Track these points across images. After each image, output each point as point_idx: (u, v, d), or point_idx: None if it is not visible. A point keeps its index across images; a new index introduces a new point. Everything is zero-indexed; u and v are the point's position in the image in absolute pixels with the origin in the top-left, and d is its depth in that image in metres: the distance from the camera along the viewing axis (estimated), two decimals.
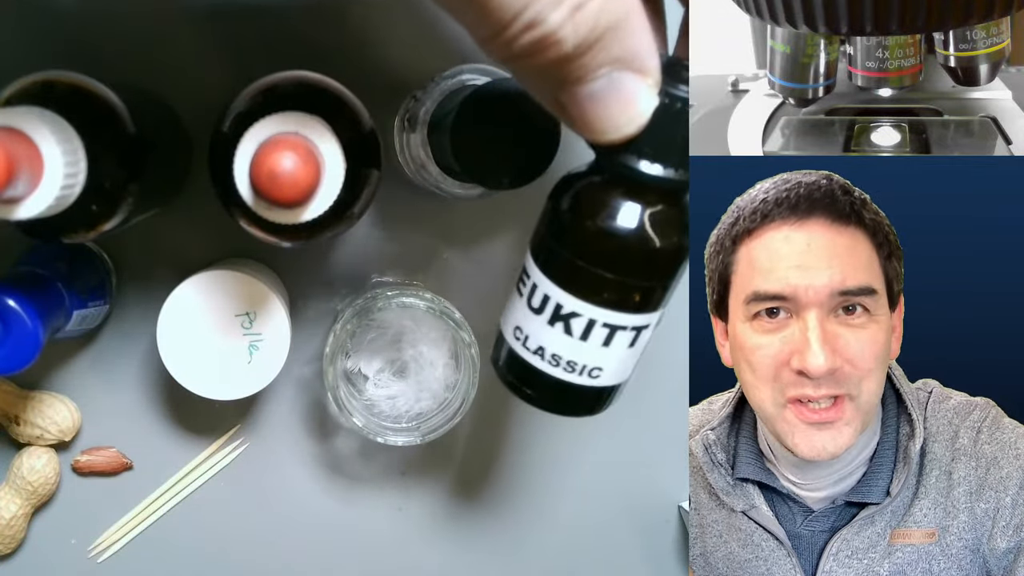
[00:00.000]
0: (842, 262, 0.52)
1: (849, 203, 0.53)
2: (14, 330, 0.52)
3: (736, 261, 0.54)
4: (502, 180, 0.46)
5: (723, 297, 0.55)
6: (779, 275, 0.52)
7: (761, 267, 0.53)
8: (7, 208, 0.44)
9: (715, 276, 0.56)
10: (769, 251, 0.52)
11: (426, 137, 0.51)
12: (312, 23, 0.63)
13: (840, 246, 0.52)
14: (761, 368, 0.53)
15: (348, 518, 0.68)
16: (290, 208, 0.44)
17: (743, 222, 0.54)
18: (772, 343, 0.52)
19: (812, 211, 0.52)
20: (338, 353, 0.59)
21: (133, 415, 0.66)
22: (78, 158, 0.45)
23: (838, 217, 0.52)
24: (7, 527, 0.64)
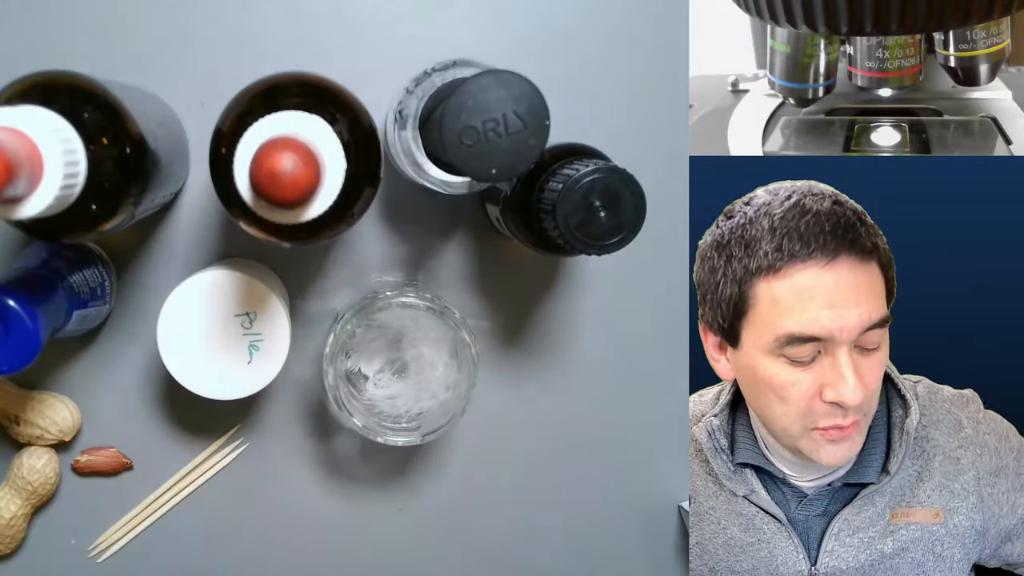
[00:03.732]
0: (867, 299, 0.53)
1: (868, 236, 0.54)
2: (14, 330, 0.52)
3: (755, 296, 0.54)
4: (491, 172, 0.47)
5: (735, 326, 0.55)
6: (811, 316, 0.52)
7: (789, 307, 0.53)
8: (7, 208, 0.44)
9: (724, 302, 0.55)
10: (798, 291, 0.53)
11: (417, 130, 0.51)
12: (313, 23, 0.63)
13: (863, 283, 0.53)
14: (794, 402, 0.54)
15: (348, 518, 0.68)
16: (290, 208, 0.44)
17: (763, 257, 0.53)
18: (804, 379, 0.54)
19: (839, 251, 0.53)
20: (338, 353, 0.59)
21: (133, 415, 0.66)
22: (78, 158, 0.45)
23: (861, 254, 0.53)
24: (7, 527, 0.64)
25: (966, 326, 0.71)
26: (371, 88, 0.55)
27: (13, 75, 0.48)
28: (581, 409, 0.68)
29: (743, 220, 0.54)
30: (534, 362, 0.68)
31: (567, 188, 0.51)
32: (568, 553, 0.69)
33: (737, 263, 0.54)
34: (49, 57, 0.62)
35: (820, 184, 0.56)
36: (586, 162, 0.53)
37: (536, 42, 0.65)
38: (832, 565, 0.57)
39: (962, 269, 0.70)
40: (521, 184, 0.56)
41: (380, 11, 0.64)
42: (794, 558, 0.58)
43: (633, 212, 0.51)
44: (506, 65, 0.47)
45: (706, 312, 0.57)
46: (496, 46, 0.65)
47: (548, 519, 0.69)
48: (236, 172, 0.45)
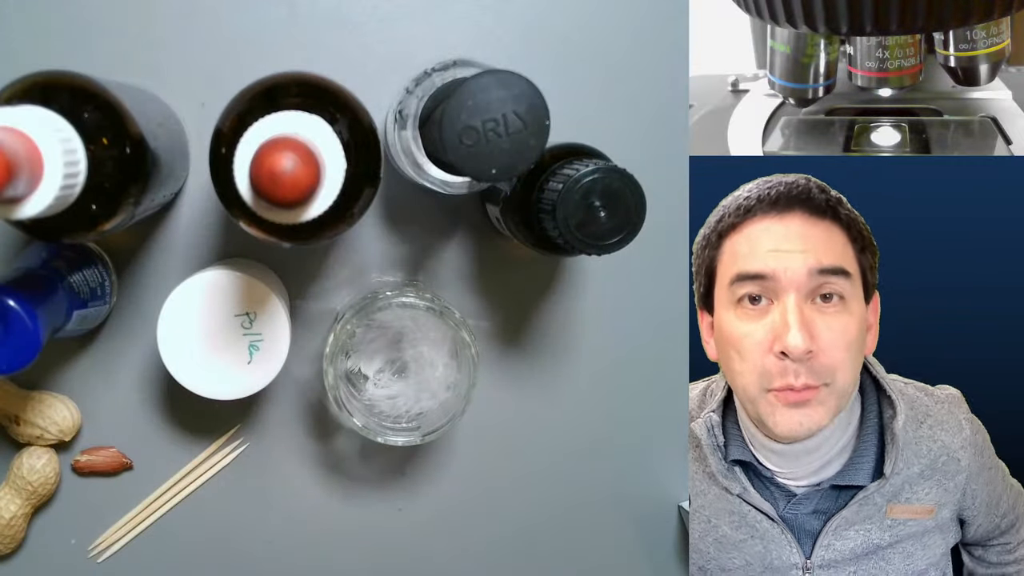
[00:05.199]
0: (816, 247, 0.56)
1: (825, 200, 0.57)
2: (14, 330, 0.52)
3: (720, 253, 0.58)
4: (491, 172, 0.47)
5: (709, 290, 0.59)
6: (759, 257, 0.56)
7: (743, 254, 0.57)
8: (7, 208, 0.44)
9: (702, 270, 0.60)
10: (750, 240, 0.57)
11: (417, 130, 0.51)
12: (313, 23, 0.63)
13: (816, 235, 0.56)
14: (748, 355, 0.57)
15: (348, 518, 0.68)
16: (290, 208, 0.44)
17: (728, 218, 0.58)
18: (756, 330, 0.56)
19: (791, 206, 0.57)
20: (338, 353, 0.59)
21: (133, 415, 0.66)
22: (78, 158, 0.45)
23: (814, 211, 0.57)
24: (7, 527, 0.64)
25: (966, 326, 0.71)
26: (371, 88, 0.55)
27: (13, 75, 0.48)
28: (581, 409, 0.68)
29: (726, 201, 0.59)
30: (534, 362, 0.68)
31: (567, 188, 0.51)
32: (568, 553, 0.69)
33: (711, 231, 0.59)
34: (49, 57, 0.62)
35: (809, 176, 0.59)
36: (586, 162, 0.53)
37: (536, 42, 0.65)
38: (827, 557, 0.58)
39: (962, 269, 0.70)
40: (521, 184, 0.56)
41: (380, 11, 0.64)
42: (788, 551, 0.59)
43: (633, 212, 0.51)
44: (506, 65, 0.47)
45: (698, 289, 0.61)
46: (496, 46, 0.65)
47: (548, 519, 0.69)
48: (236, 172, 0.45)
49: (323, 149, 0.45)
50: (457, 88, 0.45)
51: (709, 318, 0.60)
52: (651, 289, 0.67)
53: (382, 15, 0.64)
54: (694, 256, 0.61)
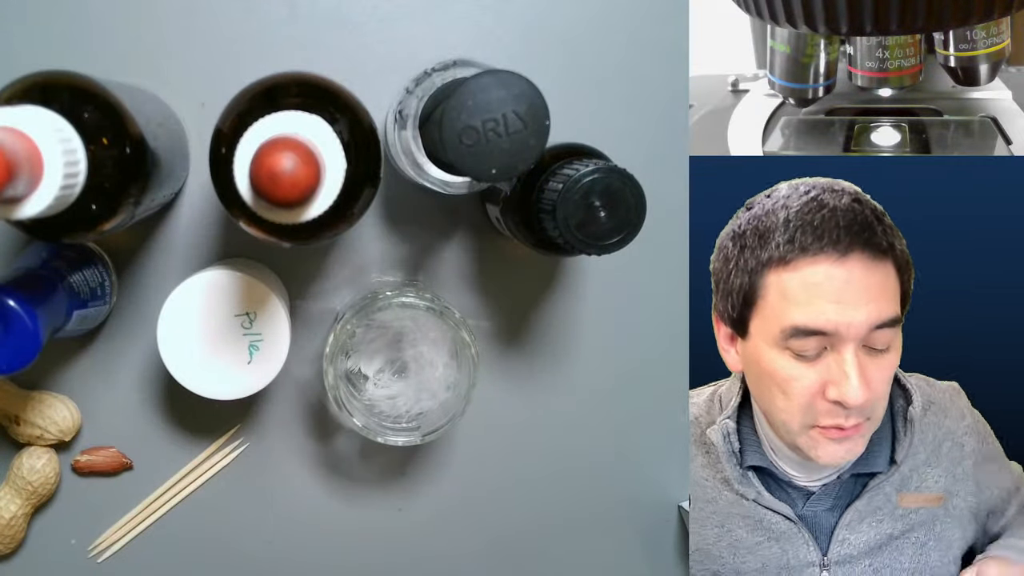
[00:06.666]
0: (877, 297, 0.52)
1: (884, 235, 0.53)
2: (14, 330, 0.52)
3: (765, 286, 0.54)
4: (491, 172, 0.47)
5: (744, 316, 0.55)
6: (818, 309, 0.52)
7: (797, 300, 0.53)
8: (7, 208, 0.44)
9: (734, 292, 0.55)
10: (807, 285, 0.52)
11: (417, 130, 0.51)
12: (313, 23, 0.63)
13: (876, 283, 0.53)
14: (796, 397, 0.54)
15: (348, 518, 0.68)
16: (290, 208, 0.44)
17: (775, 248, 0.53)
18: (808, 375, 0.53)
19: (852, 247, 0.52)
20: (338, 353, 0.59)
21: (133, 415, 0.66)
22: (78, 158, 0.45)
23: (876, 253, 0.53)
24: (7, 527, 0.64)
25: (966, 326, 0.71)
26: (371, 88, 0.55)
27: (13, 75, 0.48)
28: (581, 409, 0.68)
29: (760, 212, 0.55)
30: (534, 362, 0.68)
31: (567, 188, 0.51)
32: (568, 553, 0.69)
33: (750, 253, 0.54)
34: (49, 57, 0.62)
35: (842, 181, 0.56)
36: (586, 162, 0.53)
37: (536, 42, 0.65)
38: (843, 553, 0.58)
39: (962, 269, 0.70)
40: (521, 184, 0.56)
41: (380, 11, 0.64)
42: (805, 550, 0.58)
43: (633, 212, 0.51)
44: (506, 65, 0.47)
45: (718, 302, 0.57)
46: (496, 46, 0.65)
47: (548, 519, 0.69)
48: (236, 172, 0.45)
49: (323, 149, 0.45)
50: (457, 88, 0.45)
51: (730, 332, 0.57)
52: (651, 289, 0.67)
53: (382, 15, 0.64)
54: (715, 266, 0.57)
